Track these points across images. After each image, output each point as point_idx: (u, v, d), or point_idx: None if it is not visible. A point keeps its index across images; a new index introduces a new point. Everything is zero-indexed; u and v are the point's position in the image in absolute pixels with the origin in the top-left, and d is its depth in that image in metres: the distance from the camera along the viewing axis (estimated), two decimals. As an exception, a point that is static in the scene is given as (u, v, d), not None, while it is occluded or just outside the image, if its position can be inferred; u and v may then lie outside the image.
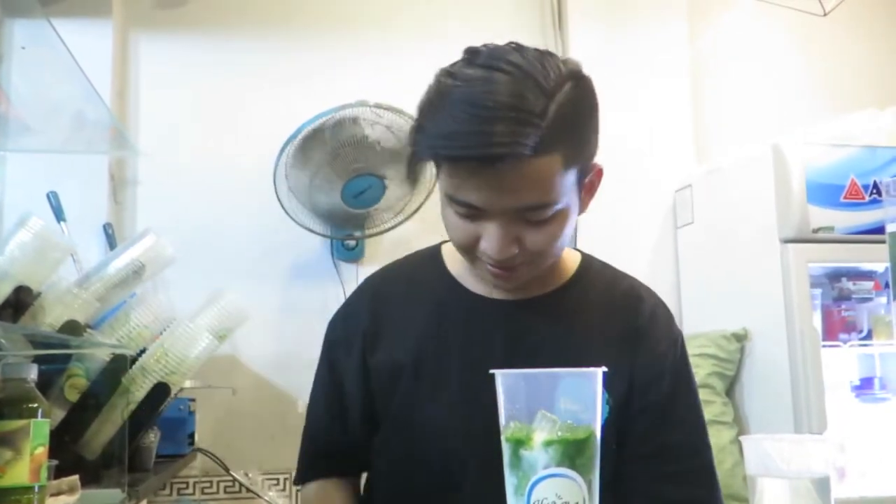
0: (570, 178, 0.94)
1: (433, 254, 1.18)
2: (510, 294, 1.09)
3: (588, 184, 1.02)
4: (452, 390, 1.05)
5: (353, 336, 1.14)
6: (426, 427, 1.05)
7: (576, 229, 2.72)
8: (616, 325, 1.09)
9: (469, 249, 0.99)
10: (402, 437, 1.08)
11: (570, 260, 1.16)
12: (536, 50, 0.95)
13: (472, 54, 0.94)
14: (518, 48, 0.94)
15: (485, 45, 0.95)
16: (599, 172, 1.03)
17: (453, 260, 1.13)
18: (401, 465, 1.08)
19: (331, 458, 1.16)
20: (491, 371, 0.67)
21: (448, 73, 0.94)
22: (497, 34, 1.07)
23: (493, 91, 0.88)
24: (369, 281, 1.20)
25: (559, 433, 0.63)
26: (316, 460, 1.17)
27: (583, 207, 1.03)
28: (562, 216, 0.97)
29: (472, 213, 0.95)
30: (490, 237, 0.95)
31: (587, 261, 1.17)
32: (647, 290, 1.17)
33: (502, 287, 1.07)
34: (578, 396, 0.65)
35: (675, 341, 1.11)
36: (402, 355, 1.08)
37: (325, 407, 1.16)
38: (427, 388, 1.06)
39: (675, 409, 1.07)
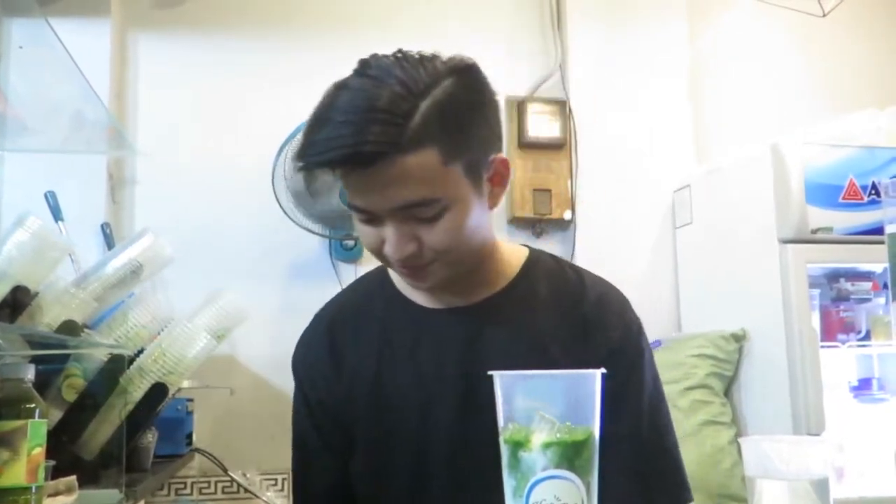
0: (455, 172, 0.96)
1: (380, 272, 1.18)
2: (456, 301, 1.10)
3: (494, 176, 1.03)
4: (409, 406, 1.07)
5: (315, 374, 1.17)
6: (387, 442, 1.08)
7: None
8: (562, 316, 1.08)
9: (379, 254, 1.02)
10: (370, 457, 1.10)
11: (516, 258, 1.15)
12: (418, 54, 0.98)
13: (359, 65, 0.98)
14: (399, 55, 0.97)
15: (373, 56, 0.98)
16: (503, 162, 1.03)
17: (397, 275, 1.13)
18: (373, 485, 1.11)
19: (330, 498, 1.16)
20: (489, 372, 0.67)
21: (333, 85, 0.98)
22: (496, 34, 1.08)
23: (360, 97, 0.92)
24: (322, 314, 1.22)
25: (557, 435, 0.62)
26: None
27: (492, 201, 1.04)
28: (456, 211, 0.97)
29: (369, 217, 0.98)
30: (387, 239, 0.98)
31: (534, 257, 1.16)
32: (596, 278, 1.15)
33: (420, 288, 1.08)
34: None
35: (629, 328, 1.09)
36: (360, 381, 1.11)
37: (310, 448, 1.17)
38: (384, 405, 1.09)
39: (625, 397, 1.04)
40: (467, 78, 0.98)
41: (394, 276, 1.15)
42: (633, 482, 1.01)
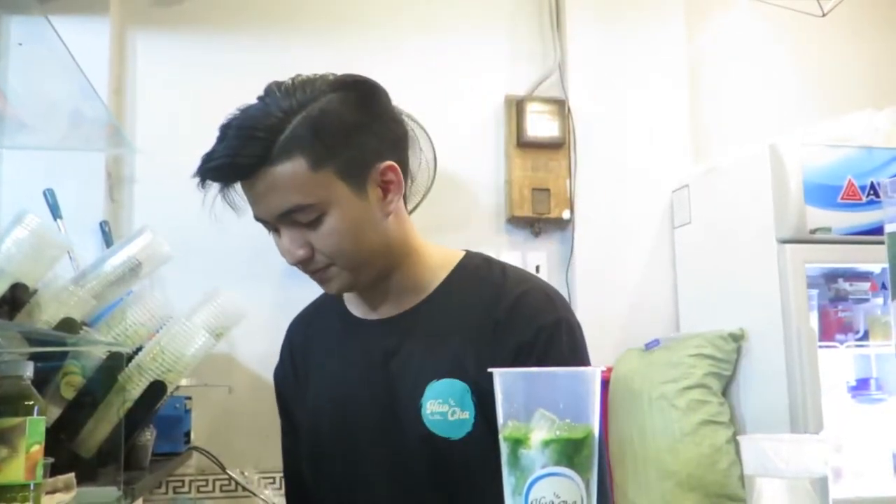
0: (326, 176, 1.02)
1: None
2: (388, 310, 1.15)
3: (384, 183, 1.07)
4: (335, 409, 1.16)
5: (285, 389, 1.30)
6: (315, 449, 1.18)
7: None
8: (477, 322, 1.09)
9: (290, 262, 1.09)
10: (309, 462, 1.21)
11: (448, 262, 1.16)
12: (313, 75, 1.08)
13: (263, 91, 1.11)
14: (295, 78, 1.08)
15: (274, 82, 1.10)
16: (391, 169, 1.07)
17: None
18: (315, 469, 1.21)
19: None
20: (489, 370, 0.67)
21: (238, 107, 1.11)
22: (496, 34, 1.09)
23: (247, 118, 1.05)
24: (288, 330, 1.35)
25: (557, 432, 0.63)
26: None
27: (386, 207, 1.08)
28: (335, 215, 1.03)
29: (268, 226, 1.09)
30: (281, 246, 1.08)
31: (465, 261, 1.18)
32: (523, 278, 1.15)
33: (330, 290, 1.14)
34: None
35: (543, 329, 1.07)
36: (305, 384, 1.24)
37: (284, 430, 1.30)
38: (317, 407, 1.19)
39: None
40: (350, 93, 1.06)
41: None
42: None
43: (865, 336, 2.41)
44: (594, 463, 0.64)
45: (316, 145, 1.01)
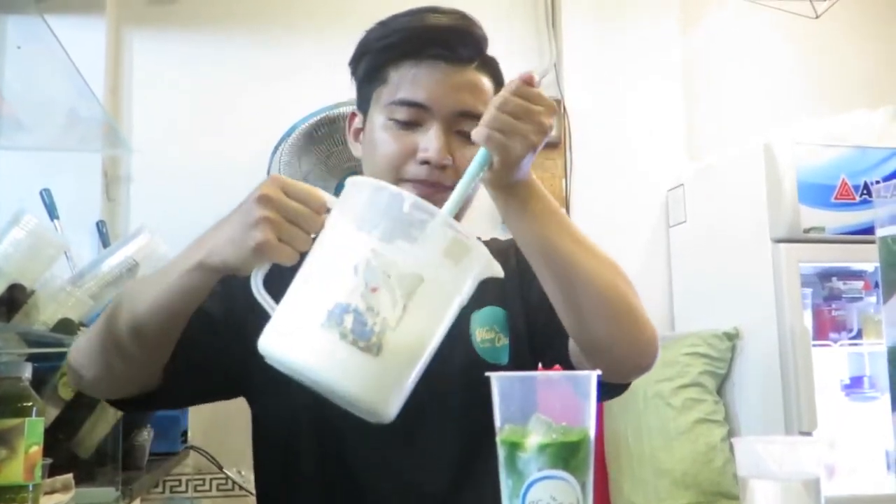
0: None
1: None
2: None
3: None
4: None
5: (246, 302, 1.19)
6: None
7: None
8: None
9: (400, 165, 1.04)
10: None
11: None
12: None
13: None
14: None
15: None
16: None
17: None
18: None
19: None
20: (487, 374, 0.68)
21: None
22: (491, 33, 1.11)
23: (450, 10, 1.06)
24: None
25: (553, 436, 0.63)
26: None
27: None
28: None
29: (413, 118, 1.03)
30: (430, 139, 1.02)
31: None
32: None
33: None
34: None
35: (505, 251, 1.13)
36: None
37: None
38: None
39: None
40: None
41: None
42: None
43: (859, 335, 2.43)
44: (590, 466, 0.65)
45: (496, 84, 1.06)
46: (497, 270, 0.77)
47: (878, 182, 2.30)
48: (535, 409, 0.65)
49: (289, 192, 0.79)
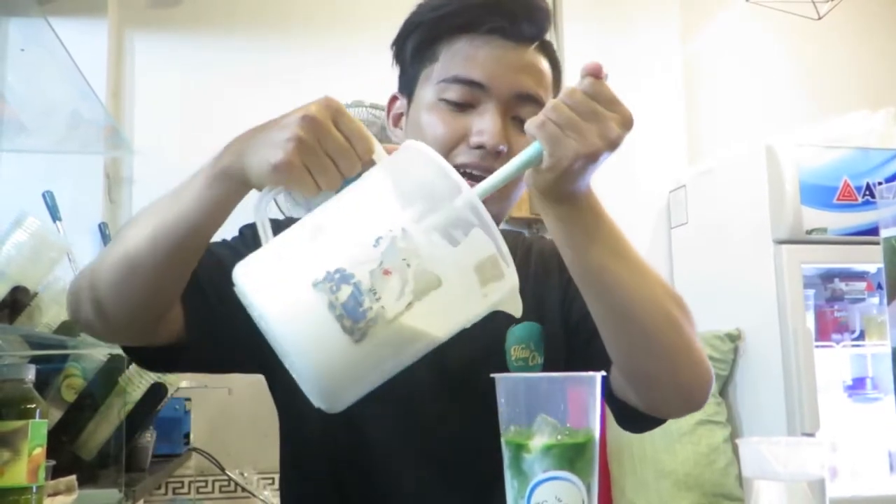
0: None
1: None
2: None
3: None
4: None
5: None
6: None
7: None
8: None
9: (450, 150, 0.93)
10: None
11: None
12: None
13: None
14: None
15: None
16: None
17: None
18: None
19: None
20: (491, 375, 0.67)
21: None
22: None
23: None
24: None
25: (559, 437, 0.63)
26: None
27: None
28: None
29: (467, 98, 0.93)
30: (486, 122, 0.92)
31: None
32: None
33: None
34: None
35: (548, 258, 1.05)
36: None
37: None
38: None
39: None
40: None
41: None
42: None
43: (861, 336, 2.43)
44: (595, 467, 0.65)
45: (556, 81, 0.99)
46: (517, 310, 0.68)
47: (880, 184, 2.30)
48: (540, 411, 0.64)
49: (338, 123, 0.70)
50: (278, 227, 0.71)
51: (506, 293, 0.67)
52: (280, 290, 0.63)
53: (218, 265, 0.91)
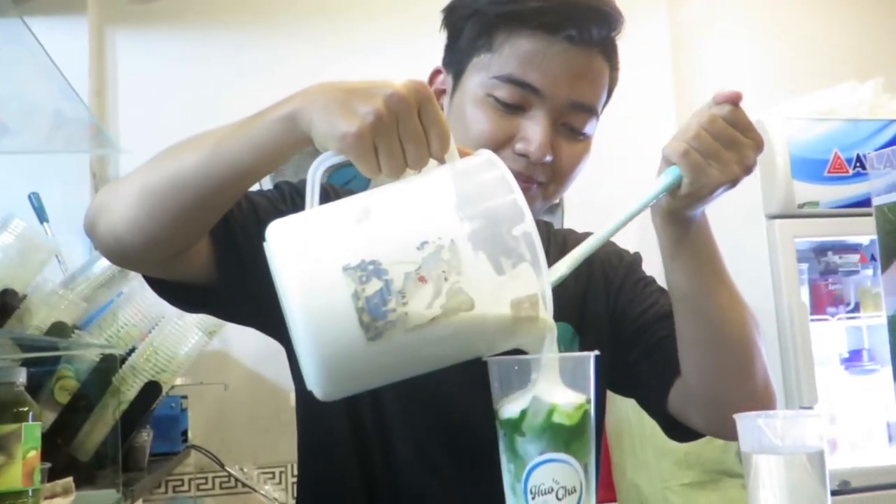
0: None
1: None
2: None
3: None
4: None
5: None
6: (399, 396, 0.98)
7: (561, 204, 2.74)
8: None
9: (496, 149, 0.85)
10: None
11: None
12: None
13: None
14: None
15: None
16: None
17: None
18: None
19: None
20: (484, 358, 0.66)
21: None
22: None
23: None
24: None
25: (552, 418, 0.63)
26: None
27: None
28: (589, 147, 0.95)
29: (518, 100, 0.89)
30: (534, 130, 0.88)
31: None
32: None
33: None
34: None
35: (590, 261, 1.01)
36: None
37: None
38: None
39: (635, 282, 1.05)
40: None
41: None
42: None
43: (856, 308, 2.43)
44: (592, 448, 0.64)
45: (612, 81, 0.95)
46: (537, 352, 0.65)
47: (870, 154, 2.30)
48: (533, 392, 0.64)
49: (422, 111, 0.66)
50: (326, 194, 0.68)
51: (531, 340, 0.64)
52: (309, 263, 0.60)
53: (253, 212, 0.89)
